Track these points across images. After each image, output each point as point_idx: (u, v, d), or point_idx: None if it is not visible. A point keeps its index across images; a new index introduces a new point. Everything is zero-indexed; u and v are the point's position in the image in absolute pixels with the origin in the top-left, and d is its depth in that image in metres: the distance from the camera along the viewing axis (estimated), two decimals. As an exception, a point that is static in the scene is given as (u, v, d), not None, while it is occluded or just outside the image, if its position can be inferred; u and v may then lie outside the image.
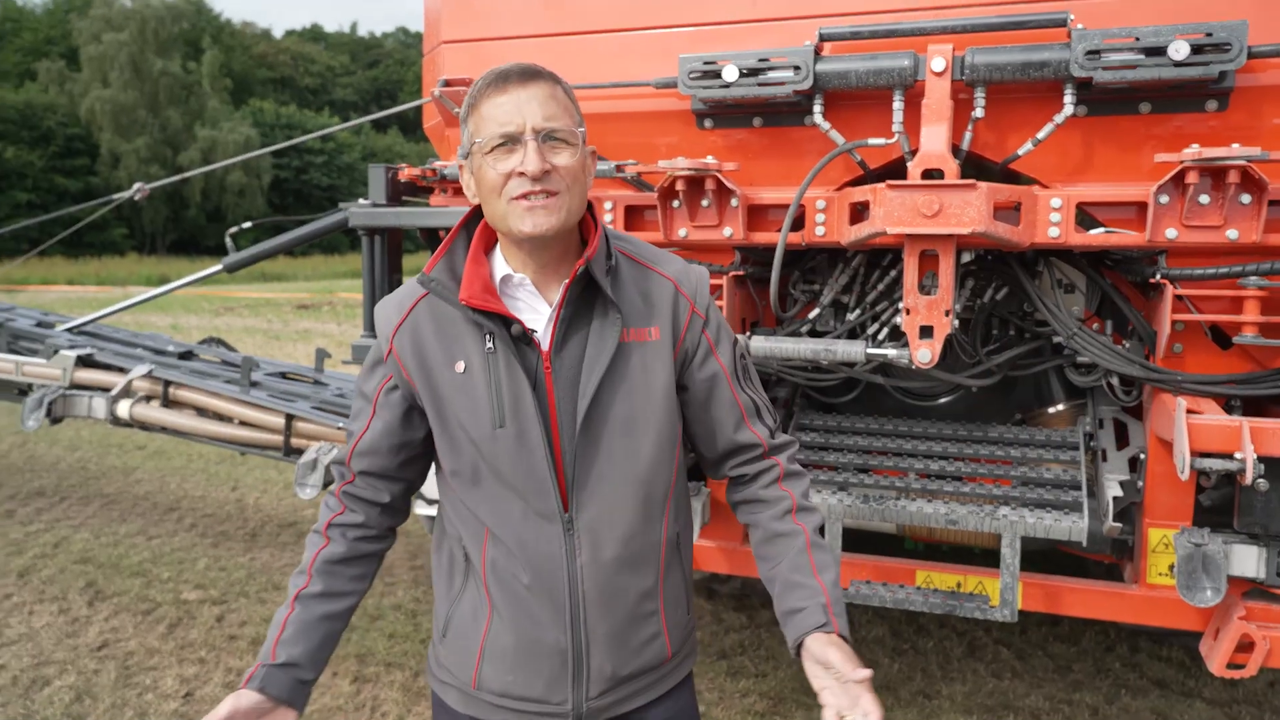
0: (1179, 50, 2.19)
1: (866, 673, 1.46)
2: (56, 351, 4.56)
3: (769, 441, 1.73)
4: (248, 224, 4.47)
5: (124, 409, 4.25)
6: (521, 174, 1.48)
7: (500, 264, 1.61)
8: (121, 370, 4.41)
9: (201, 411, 4.22)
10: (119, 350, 4.83)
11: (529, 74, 1.52)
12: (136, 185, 4.96)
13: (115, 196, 5.12)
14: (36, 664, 3.99)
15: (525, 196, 1.49)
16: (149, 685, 3.83)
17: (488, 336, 1.56)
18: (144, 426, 4.28)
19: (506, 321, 1.55)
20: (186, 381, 4.24)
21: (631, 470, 1.61)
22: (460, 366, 1.57)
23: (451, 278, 1.59)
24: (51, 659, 4.04)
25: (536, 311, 1.59)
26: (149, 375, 4.28)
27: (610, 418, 1.58)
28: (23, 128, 44.55)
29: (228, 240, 4.29)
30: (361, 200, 3.37)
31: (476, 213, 1.65)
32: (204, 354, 5.05)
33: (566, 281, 1.56)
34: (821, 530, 1.74)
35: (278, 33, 74.23)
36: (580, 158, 1.55)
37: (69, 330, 5.17)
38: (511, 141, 1.49)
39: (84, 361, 4.48)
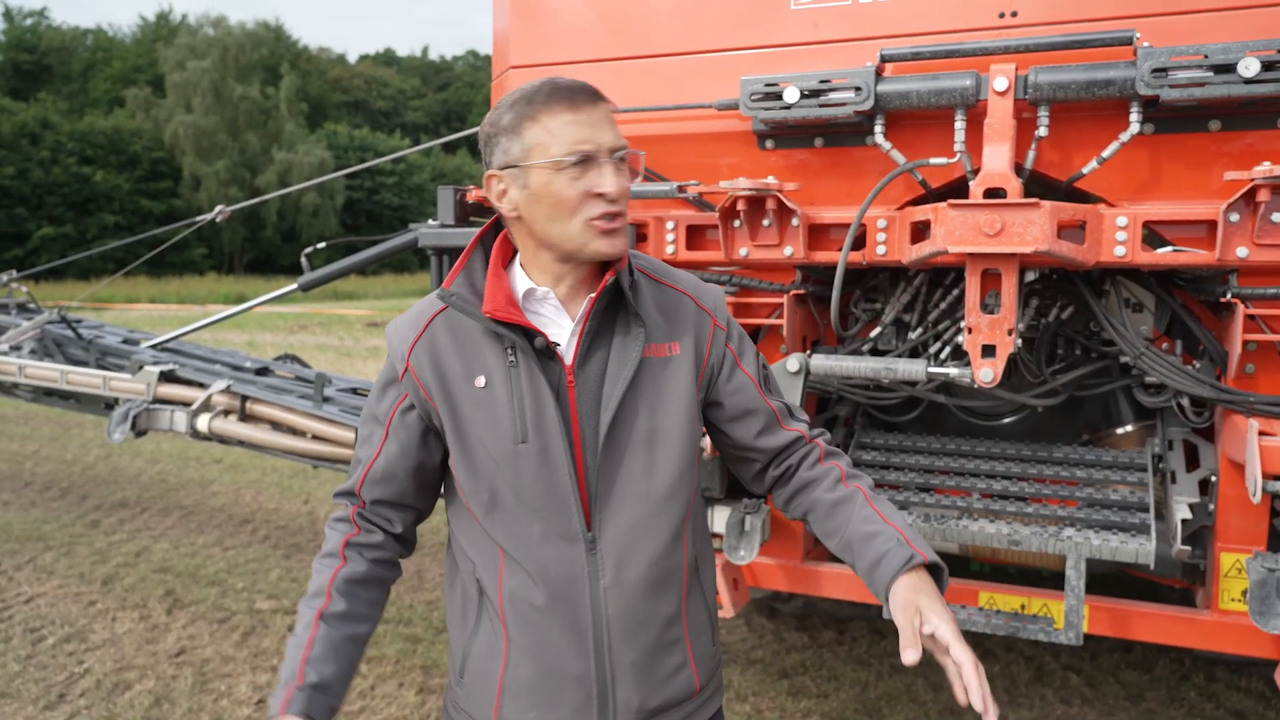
0: (1249, 67, 2.16)
1: (946, 620, 1.46)
2: (141, 367, 4.74)
3: (807, 433, 1.74)
4: (322, 244, 4.61)
5: (203, 423, 4.40)
6: (600, 195, 1.48)
7: (521, 278, 1.59)
8: (201, 385, 4.57)
9: (276, 426, 4.35)
10: (199, 366, 5.00)
11: (595, 93, 1.52)
12: (219, 208, 5.15)
13: (198, 219, 5.32)
14: (119, 668, 4.14)
15: (604, 218, 1.49)
16: (224, 691, 3.95)
17: (509, 349, 1.53)
18: (222, 440, 4.43)
19: (529, 334, 1.53)
20: (262, 397, 4.38)
21: (653, 487, 1.58)
22: (480, 381, 1.55)
23: (472, 291, 1.56)
24: (132, 664, 4.19)
25: (559, 325, 1.57)
26: (227, 390, 4.43)
27: (633, 432, 1.56)
28: (111, 152, 46.43)
29: (303, 260, 4.43)
30: (430, 221, 3.46)
31: (492, 228, 1.65)
32: (279, 370, 5.20)
33: (593, 295, 1.54)
34: (879, 493, 1.72)
35: (352, 57, 76.31)
36: (637, 179, 1.58)
37: (152, 347, 5.37)
38: (588, 161, 1.48)
39: (166, 377, 4.65)
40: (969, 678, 1.42)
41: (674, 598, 1.62)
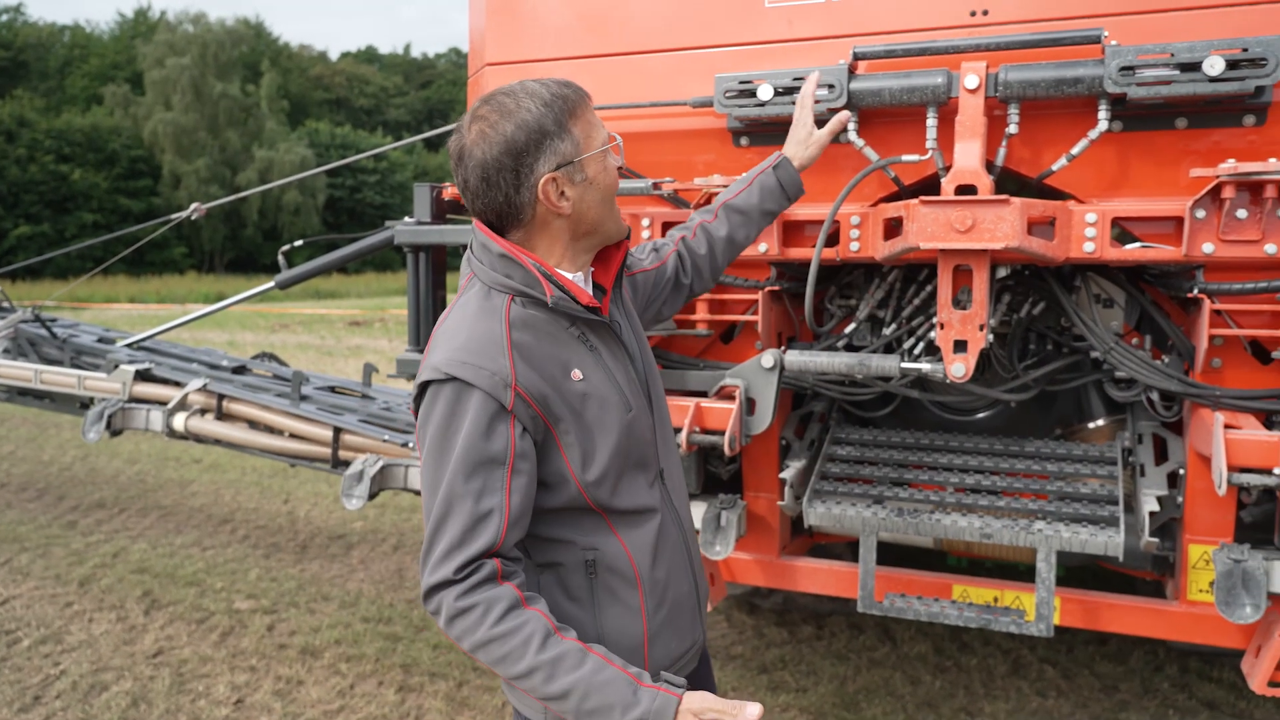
0: (1214, 66, 2.19)
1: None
2: (116, 366, 4.72)
3: (678, 235, 2.18)
4: (299, 242, 4.59)
5: (179, 422, 4.38)
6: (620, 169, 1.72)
7: (564, 272, 1.68)
8: (178, 384, 4.55)
9: (253, 424, 4.34)
10: (176, 365, 4.98)
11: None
12: (194, 205, 5.12)
13: (173, 216, 5.29)
14: (95, 670, 4.12)
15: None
16: (202, 692, 3.94)
17: (582, 335, 1.65)
18: (198, 439, 4.41)
19: (596, 313, 1.65)
20: (239, 395, 4.37)
21: (666, 410, 1.86)
22: (577, 374, 1.61)
23: (565, 292, 1.60)
24: (109, 665, 4.17)
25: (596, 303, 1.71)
26: (203, 389, 4.41)
27: (650, 369, 1.81)
28: (89, 150, 45.99)
29: (280, 258, 4.42)
30: (407, 218, 3.46)
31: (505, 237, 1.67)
32: (256, 369, 5.19)
33: (616, 263, 1.77)
34: None
35: (334, 55, 75.75)
36: None
37: (128, 346, 5.34)
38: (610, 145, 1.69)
39: (142, 376, 4.63)
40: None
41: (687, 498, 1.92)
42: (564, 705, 1.47)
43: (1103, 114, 2.36)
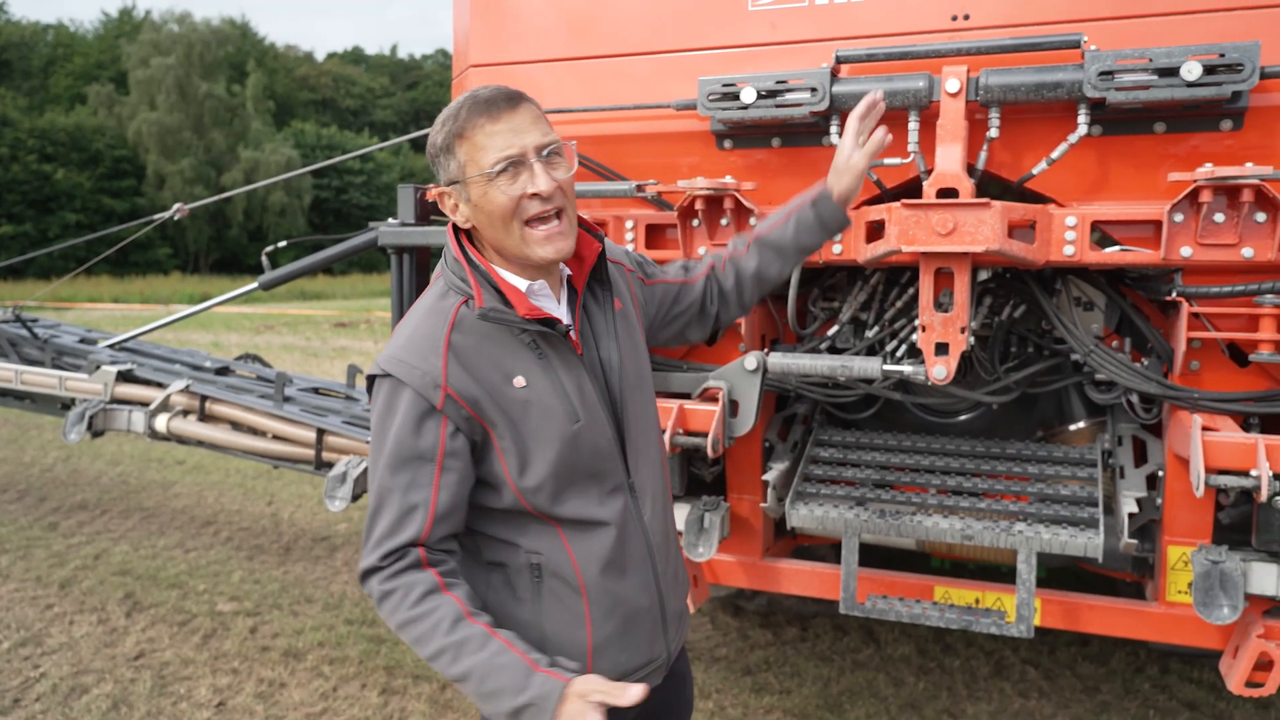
0: (1192, 71, 2.21)
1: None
2: (98, 367, 4.69)
3: (713, 262, 2.09)
4: (284, 243, 4.58)
5: (161, 423, 4.36)
6: (534, 195, 1.56)
7: (512, 277, 1.67)
8: (160, 385, 4.53)
9: (236, 426, 4.32)
10: (158, 366, 4.96)
11: (515, 97, 1.60)
12: (176, 205, 5.09)
13: (156, 216, 5.27)
14: (75, 672, 4.09)
15: (541, 221, 1.59)
16: (183, 694, 3.91)
17: (532, 343, 1.63)
18: (181, 440, 4.39)
19: (548, 324, 1.62)
20: (222, 396, 4.35)
21: (650, 422, 1.83)
22: (520, 381, 1.61)
23: (503, 302, 1.62)
24: (90, 668, 4.14)
25: (556, 310, 1.71)
26: (186, 390, 4.39)
27: (628, 379, 1.76)
28: (73, 150, 45.68)
29: (264, 259, 4.40)
30: (391, 219, 3.45)
31: (461, 240, 1.70)
32: (240, 370, 5.17)
33: (585, 271, 1.73)
34: None
35: (320, 55, 75.53)
36: (574, 167, 1.66)
37: (110, 346, 5.31)
38: (516, 165, 1.57)
39: (124, 377, 4.61)
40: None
41: (671, 511, 1.90)
42: (467, 687, 1.54)
43: (1082, 118, 2.38)
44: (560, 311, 1.71)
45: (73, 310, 21.81)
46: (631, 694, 1.46)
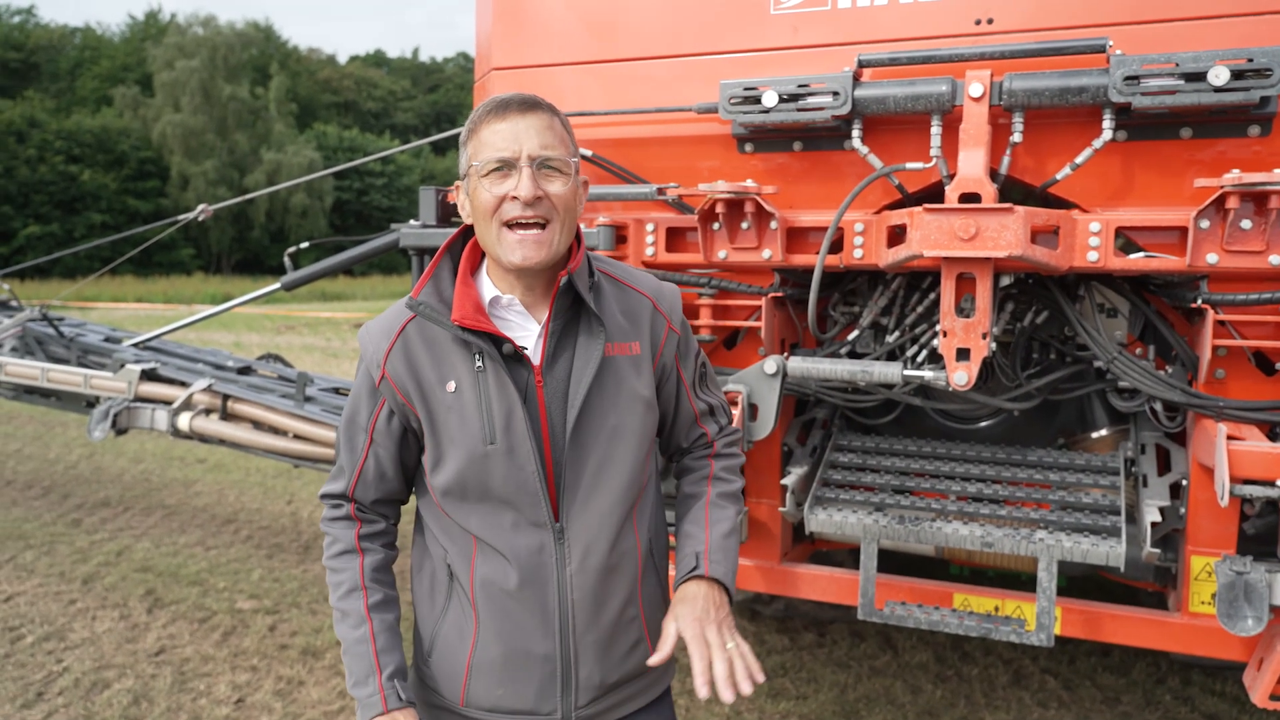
0: (1219, 76, 2.19)
1: (687, 621, 1.63)
2: (122, 365, 4.73)
3: (715, 436, 1.91)
4: (305, 244, 4.61)
5: (184, 421, 4.39)
6: (515, 198, 1.56)
7: (488, 285, 1.68)
8: (183, 384, 4.56)
9: (258, 425, 4.35)
10: (181, 365, 5.00)
11: (529, 104, 1.60)
12: (200, 206, 5.14)
13: (180, 217, 5.31)
14: (97, 667, 4.13)
15: (516, 225, 1.57)
16: (203, 691, 3.94)
17: (477, 356, 1.61)
18: (203, 439, 4.42)
19: (497, 340, 1.60)
20: (244, 395, 4.38)
21: (615, 479, 1.67)
22: (451, 386, 1.62)
23: (440, 300, 1.63)
24: (111, 663, 4.18)
25: (526, 330, 1.66)
26: (208, 389, 4.42)
27: (597, 427, 1.65)
28: (98, 151, 46.22)
29: (286, 260, 4.43)
30: (412, 221, 3.47)
31: (461, 236, 1.73)
32: (261, 369, 5.20)
33: (553, 294, 1.65)
34: (735, 499, 1.87)
35: (342, 58, 75.90)
36: (573, 187, 1.62)
37: (135, 345, 5.36)
38: (507, 167, 1.57)
39: (148, 375, 4.64)
40: (697, 666, 1.58)
41: (630, 579, 1.73)
42: (341, 649, 1.70)
43: (1107, 123, 2.36)
44: (523, 330, 1.66)
45: (96, 309, 22.02)
46: None
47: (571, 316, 1.67)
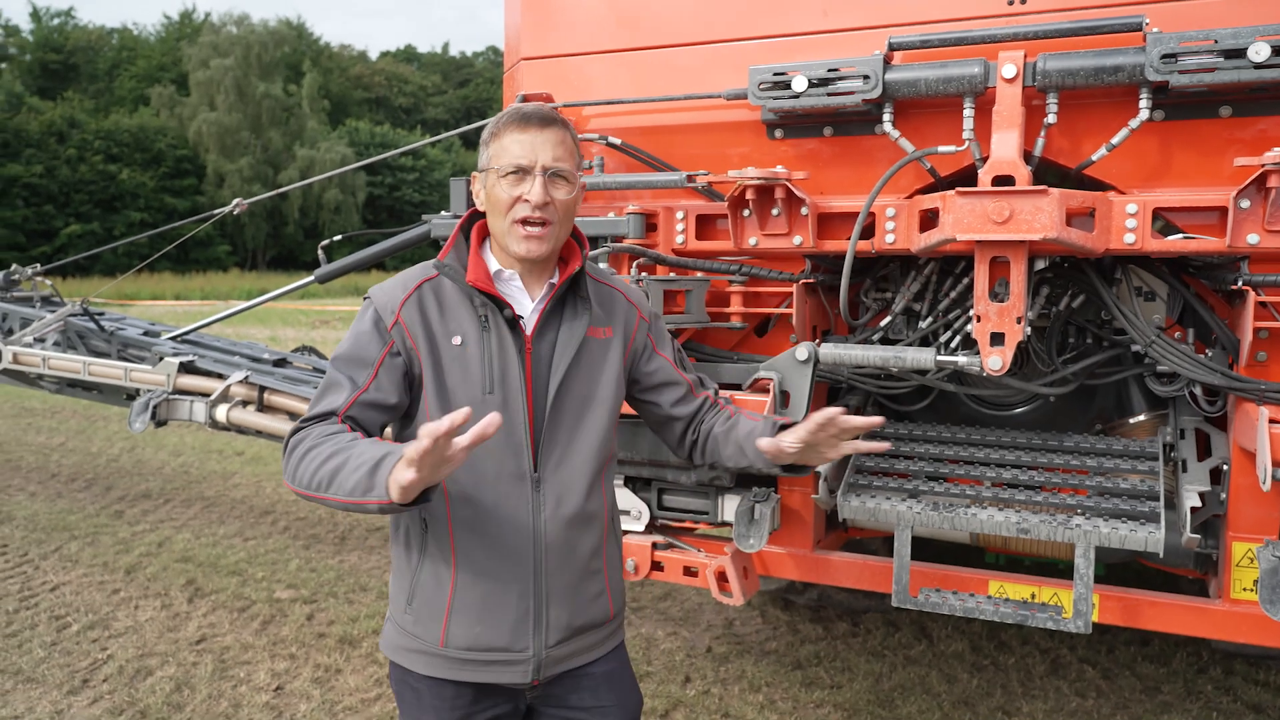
0: (1259, 52, 2.15)
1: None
2: (161, 359, 4.81)
3: (713, 395, 2.14)
4: (339, 237, 4.64)
5: (222, 413, 4.46)
6: (527, 200, 1.80)
7: (492, 260, 1.92)
8: (220, 376, 4.63)
9: (294, 416, 4.40)
10: (218, 358, 5.06)
11: (547, 119, 1.84)
12: (236, 200, 5.19)
13: (216, 211, 5.37)
14: (140, 655, 4.20)
15: (525, 223, 1.81)
16: (243, 678, 4.00)
17: (484, 316, 1.84)
18: (240, 430, 4.48)
19: (500, 305, 1.84)
20: (280, 387, 4.43)
21: (586, 440, 1.91)
22: (458, 340, 1.83)
23: (460, 264, 1.87)
24: (154, 651, 4.25)
25: (521, 303, 1.89)
26: (245, 381, 4.48)
27: (573, 395, 1.90)
28: (136, 150, 46.89)
29: (320, 252, 4.47)
30: (444, 212, 3.49)
31: (470, 217, 1.97)
32: (297, 362, 5.26)
33: (555, 282, 1.90)
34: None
35: (373, 54, 76.20)
36: (575, 194, 1.87)
37: (173, 339, 5.44)
38: (523, 172, 1.81)
39: (186, 368, 4.71)
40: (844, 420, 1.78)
41: (597, 536, 1.95)
42: (344, 474, 1.63)
43: (1144, 103, 2.32)
44: (520, 302, 1.88)
45: (135, 306, 22.36)
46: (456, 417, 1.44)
47: (560, 299, 1.92)
